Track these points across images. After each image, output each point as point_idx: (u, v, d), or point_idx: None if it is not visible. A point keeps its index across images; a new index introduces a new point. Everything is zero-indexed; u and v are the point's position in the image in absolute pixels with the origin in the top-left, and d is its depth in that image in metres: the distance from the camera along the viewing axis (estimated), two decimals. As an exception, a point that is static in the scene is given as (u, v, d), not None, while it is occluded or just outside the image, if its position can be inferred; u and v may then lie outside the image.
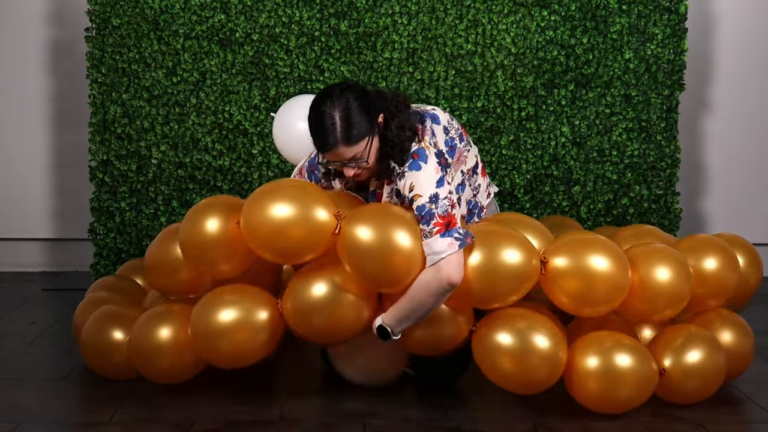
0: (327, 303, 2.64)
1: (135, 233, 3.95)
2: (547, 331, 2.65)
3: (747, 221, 4.32)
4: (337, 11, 3.82)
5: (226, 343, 2.70)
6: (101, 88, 3.87)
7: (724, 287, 2.86)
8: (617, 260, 2.66)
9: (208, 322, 2.70)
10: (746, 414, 2.77)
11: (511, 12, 3.83)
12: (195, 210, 2.76)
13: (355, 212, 2.64)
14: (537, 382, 2.66)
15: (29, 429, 2.61)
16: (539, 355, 2.62)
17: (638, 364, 2.64)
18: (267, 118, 3.87)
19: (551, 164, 3.92)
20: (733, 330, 2.87)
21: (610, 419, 2.69)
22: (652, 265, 2.70)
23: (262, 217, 2.60)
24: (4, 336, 3.43)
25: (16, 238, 4.39)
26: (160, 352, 2.78)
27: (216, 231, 2.69)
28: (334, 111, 2.55)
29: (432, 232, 2.56)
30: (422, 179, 2.62)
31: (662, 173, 3.95)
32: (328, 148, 2.58)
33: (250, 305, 2.71)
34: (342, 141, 2.56)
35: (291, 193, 2.63)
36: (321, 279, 2.66)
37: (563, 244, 2.69)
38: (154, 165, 3.91)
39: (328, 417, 2.70)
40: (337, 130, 2.54)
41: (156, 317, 2.83)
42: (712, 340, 2.76)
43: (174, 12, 3.82)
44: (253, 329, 2.69)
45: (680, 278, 2.71)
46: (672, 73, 3.89)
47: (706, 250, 2.87)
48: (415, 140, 2.67)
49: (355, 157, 2.60)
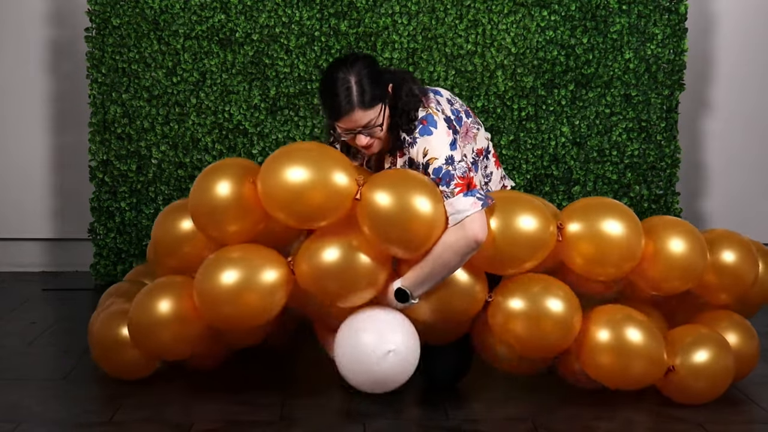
0: (342, 266, 2.59)
1: (135, 233, 3.95)
2: (562, 295, 2.67)
3: (747, 221, 4.32)
4: (337, 11, 3.82)
5: (232, 306, 2.62)
6: (101, 88, 3.87)
7: (741, 281, 2.84)
8: (631, 224, 2.70)
9: (214, 284, 2.62)
10: (747, 414, 2.76)
11: (511, 12, 3.83)
12: (206, 172, 2.70)
13: (376, 177, 2.63)
14: (550, 346, 2.68)
15: (29, 429, 2.60)
16: (553, 319, 2.64)
17: (649, 339, 2.65)
18: (267, 117, 3.87)
19: (551, 164, 3.92)
20: (738, 332, 2.86)
21: (610, 419, 2.69)
22: (668, 236, 2.73)
23: (280, 179, 2.57)
24: (4, 336, 3.42)
25: (16, 238, 4.39)
26: (162, 325, 2.70)
27: (228, 191, 2.63)
28: (350, 76, 2.56)
29: (453, 192, 2.58)
30: (434, 142, 2.64)
31: (662, 173, 3.95)
32: (343, 113, 2.57)
33: (259, 264, 2.64)
34: (358, 105, 2.56)
35: (310, 156, 2.60)
36: (337, 242, 2.62)
37: (578, 209, 2.73)
38: (154, 165, 3.91)
39: (328, 417, 2.70)
40: (353, 93, 2.56)
41: (156, 289, 2.76)
42: (721, 341, 2.75)
43: (174, 12, 3.82)
44: (262, 290, 2.62)
45: (695, 251, 2.73)
46: (672, 73, 3.89)
47: (727, 243, 2.85)
48: (422, 107, 2.69)
49: (369, 123, 2.60)
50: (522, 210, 2.65)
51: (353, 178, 2.60)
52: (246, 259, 2.64)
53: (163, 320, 2.70)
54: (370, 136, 2.64)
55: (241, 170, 2.68)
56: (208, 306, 2.65)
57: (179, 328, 2.72)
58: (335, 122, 2.63)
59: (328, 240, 2.63)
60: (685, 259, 2.72)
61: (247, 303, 2.62)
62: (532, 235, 2.64)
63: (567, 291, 2.69)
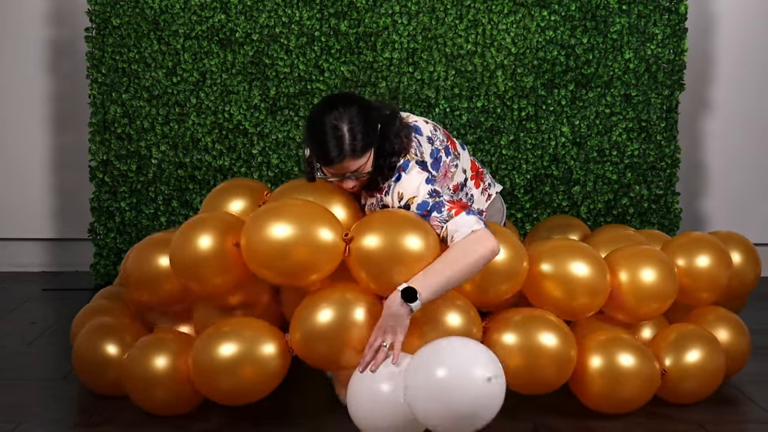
0: (336, 329, 2.51)
1: (135, 233, 3.95)
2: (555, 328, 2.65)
3: (747, 221, 4.32)
4: (337, 11, 3.82)
5: (228, 379, 2.54)
6: (101, 88, 3.87)
7: (715, 283, 2.87)
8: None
9: (211, 357, 2.55)
10: (746, 414, 2.77)
11: (511, 12, 3.83)
12: (188, 227, 2.64)
13: (363, 225, 2.55)
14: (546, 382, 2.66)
15: (29, 429, 2.61)
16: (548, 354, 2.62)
17: (641, 363, 2.65)
18: (267, 117, 3.87)
19: (551, 164, 3.92)
20: (728, 328, 2.88)
21: (610, 419, 2.69)
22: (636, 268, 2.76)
23: (264, 236, 2.50)
24: (4, 336, 3.43)
25: (16, 238, 4.39)
26: (157, 383, 2.61)
27: (210, 249, 2.56)
28: (342, 123, 2.47)
29: (452, 215, 2.50)
30: (406, 184, 2.58)
31: (662, 173, 3.95)
32: (335, 162, 2.50)
33: (254, 338, 2.57)
34: (350, 154, 2.49)
35: (295, 212, 2.53)
36: (329, 303, 2.54)
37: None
38: (154, 165, 3.91)
39: (328, 417, 2.70)
40: (345, 143, 2.47)
41: (150, 346, 2.67)
42: (711, 339, 2.76)
43: (174, 12, 3.82)
44: (259, 365, 2.55)
45: (666, 279, 2.76)
46: (672, 73, 3.89)
47: (699, 247, 2.89)
48: (402, 154, 2.62)
49: (358, 169, 2.54)
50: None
51: (339, 234, 2.54)
52: (242, 332, 2.57)
53: (159, 378, 2.61)
54: (356, 179, 2.58)
55: (223, 225, 2.61)
56: (205, 379, 2.57)
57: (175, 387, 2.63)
58: (323, 167, 2.56)
59: (319, 303, 2.55)
60: (657, 287, 2.74)
61: (245, 377, 2.54)
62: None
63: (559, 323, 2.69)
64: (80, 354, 2.79)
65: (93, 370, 2.77)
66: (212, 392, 2.57)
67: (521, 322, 2.64)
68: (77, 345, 2.81)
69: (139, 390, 2.64)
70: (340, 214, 2.67)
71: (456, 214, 2.50)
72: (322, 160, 2.53)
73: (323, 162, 2.53)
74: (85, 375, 2.80)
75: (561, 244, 2.78)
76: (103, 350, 2.74)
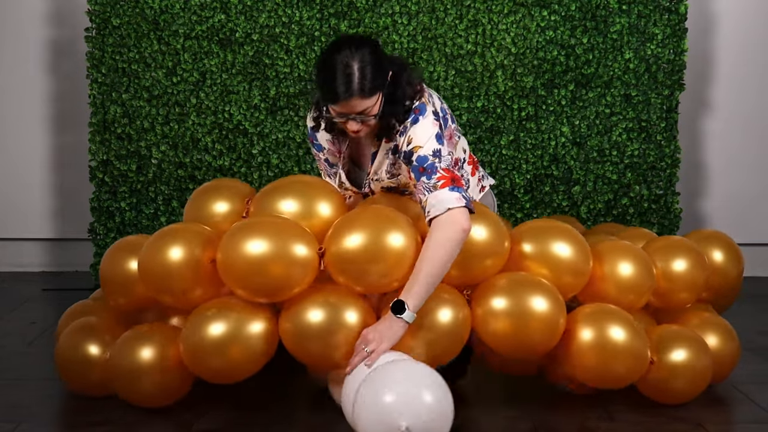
0: (325, 329, 2.54)
1: (135, 233, 3.95)
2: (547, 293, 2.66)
3: (747, 221, 4.32)
4: (337, 11, 3.82)
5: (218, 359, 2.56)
6: (101, 88, 3.87)
7: (693, 285, 2.89)
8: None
9: (201, 336, 2.57)
10: (746, 414, 2.77)
11: (511, 12, 3.83)
12: (159, 235, 2.67)
13: (333, 234, 2.59)
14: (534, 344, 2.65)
15: (29, 429, 2.61)
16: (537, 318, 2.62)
17: (632, 337, 2.66)
18: (267, 117, 3.87)
19: (551, 164, 3.92)
20: (716, 333, 2.88)
21: (610, 419, 2.69)
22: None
23: (240, 252, 2.52)
24: (4, 336, 3.43)
25: (16, 238, 4.39)
26: (142, 374, 2.61)
27: (181, 261, 2.60)
28: (353, 61, 2.49)
29: (437, 186, 2.53)
30: (419, 131, 2.60)
31: (662, 173, 3.95)
32: (341, 99, 2.50)
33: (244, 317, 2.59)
34: (358, 92, 2.49)
35: (270, 229, 2.56)
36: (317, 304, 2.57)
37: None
38: (154, 165, 3.91)
39: (328, 417, 2.70)
40: (354, 81, 2.48)
41: (133, 339, 2.66)
42: (697, 340, 2.76)
43: (174, 12, 3.82)
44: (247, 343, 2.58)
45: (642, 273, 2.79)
46: (672, 73, 3.89)
47: (674, 251, 2.91)
48: (417, 97, 2.65)
49: (364, 111, 2.54)
50: None
51: (314, 248, 2.56)
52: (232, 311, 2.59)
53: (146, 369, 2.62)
54: (362, 122, 2.58)
55: (196, 237, 2.63)
56: (195, 359, 2.59)
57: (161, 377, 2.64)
58: (329, 105, 2.57)
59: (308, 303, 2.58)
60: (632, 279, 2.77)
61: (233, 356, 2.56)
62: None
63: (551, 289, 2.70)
64: (62, 354, 2.78)
65: (76, 371, 2.76)
66: (203, 371, 2.60)
67: (507, 286, 2.66)
68: (59, 346, 2.81)
69: (125, 383, 2.64)
70: (325, 210, 2.69)
71: (441, 186, 2.53)
72: (329, 96, 2.53)
73: (330, 99, 2.54)
74: (68, 376, 2.79)
75: (543, 224, 2.82)
76: (85, 351, 2.74)
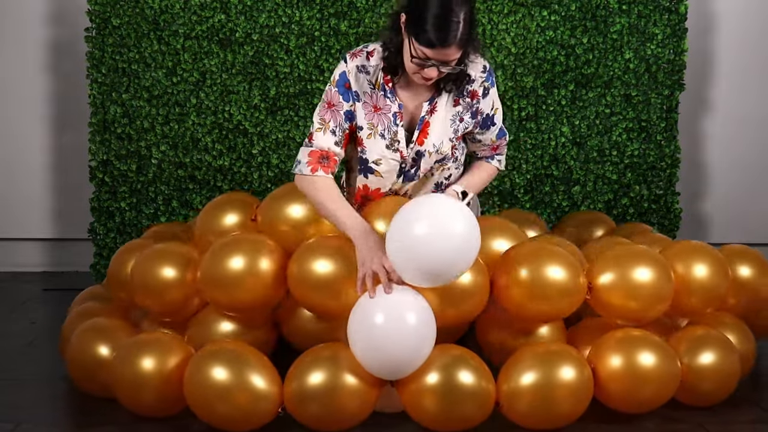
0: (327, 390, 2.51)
1: (135, 233, 3.95)
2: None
3: (747, 221, 4.32)
4: (337, 11, 3.82)
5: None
6: (101, 88, 3.87)
7: (715, 294, 2.80)
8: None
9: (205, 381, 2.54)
10: (747, 414, 2.76)
11: (511, 12, 3.83)
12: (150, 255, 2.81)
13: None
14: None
15: (29, 429, 2.61)
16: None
17: (663, 361, 2.61)
18: (267, 117, 3.87)
19: (551, 164, 3.92)
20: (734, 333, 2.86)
21: (610, 420, 2.69)
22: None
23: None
24: (4, 336, 3.43)
25: (16, 238, 4.39)
26: (144, 385, 2.59)
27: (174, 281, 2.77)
28: (461, 11, 2.51)
29: (501, 146, 2.95)
30: (495, 93, 2.83)
31: (662, 173, 3.95)
32: (441, 45, 2.51)
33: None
34: (459, 42, 2.52)
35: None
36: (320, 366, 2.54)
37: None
38: (154, 165, 3.91)
39: (328, 417, 2.69)
40: (459, 29, 2.50)
41: (137, 347, 2.64)
42: (725, 342, 2.75)
43: (174, 12, 3.82)
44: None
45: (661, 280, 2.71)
46: (672, 73, 3.89)
47: (693, 256, 2.82)
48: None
49: (451, 61, 2.57)
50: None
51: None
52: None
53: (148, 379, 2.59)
54: (439, 72, 2.60)
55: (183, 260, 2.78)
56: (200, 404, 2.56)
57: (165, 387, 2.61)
58: (423, 47, 2.54)
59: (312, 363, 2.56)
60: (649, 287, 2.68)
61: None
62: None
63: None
64: (73, 356, 2.78)
65: (87, 372, 2.75)
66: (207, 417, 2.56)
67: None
68: (71, 347, 2.80)
69: (127, 392, 2.62)
70: None
71: (504, 147, 2.98)
72: (430, 38, 2.51)
73: (429, 41, 2.51)
74: (78, 375, 2.79)
75: (538, 246, 2.72)
76: (95, 352, 2.73)
